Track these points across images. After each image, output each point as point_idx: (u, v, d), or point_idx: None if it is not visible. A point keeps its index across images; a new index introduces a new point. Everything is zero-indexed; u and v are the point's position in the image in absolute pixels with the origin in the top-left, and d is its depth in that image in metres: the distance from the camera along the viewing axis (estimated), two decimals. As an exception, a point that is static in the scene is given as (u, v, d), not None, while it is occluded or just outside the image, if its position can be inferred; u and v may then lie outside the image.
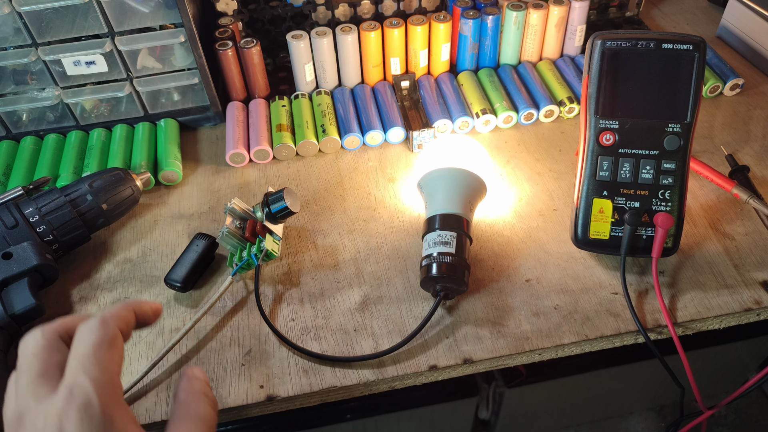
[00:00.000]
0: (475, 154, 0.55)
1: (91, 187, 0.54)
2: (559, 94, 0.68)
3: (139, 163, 0.63)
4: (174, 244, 0.57)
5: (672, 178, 0.48)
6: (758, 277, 0.51)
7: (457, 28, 0.70)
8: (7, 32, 0.60)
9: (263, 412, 0.48)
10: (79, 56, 0.61)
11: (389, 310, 0.50)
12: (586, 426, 1.22)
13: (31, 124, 0.67)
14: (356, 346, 0.48)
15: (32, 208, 0.52)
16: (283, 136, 0.65)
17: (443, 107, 0.67)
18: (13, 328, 0.47)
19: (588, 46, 0.49)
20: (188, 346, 0.49)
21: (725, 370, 1.06)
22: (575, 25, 0.72)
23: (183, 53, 0.65)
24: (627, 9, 0.81)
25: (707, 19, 0.84)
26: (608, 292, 0.50)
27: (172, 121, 0.68)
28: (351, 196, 0.61)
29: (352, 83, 0.72)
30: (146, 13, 0.61)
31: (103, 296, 0.53)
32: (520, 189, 0.60)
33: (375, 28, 0.67)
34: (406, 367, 0.46)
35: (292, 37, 0.67)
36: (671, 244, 0.49)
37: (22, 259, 0.49)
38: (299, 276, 0.53)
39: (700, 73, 0.47)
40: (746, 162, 0.61)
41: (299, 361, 0.47)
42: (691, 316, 0.48)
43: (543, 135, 0.66)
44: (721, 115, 0.67)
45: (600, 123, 0.48)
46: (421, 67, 0.72)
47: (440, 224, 0.50)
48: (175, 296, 0.53)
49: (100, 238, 0.58)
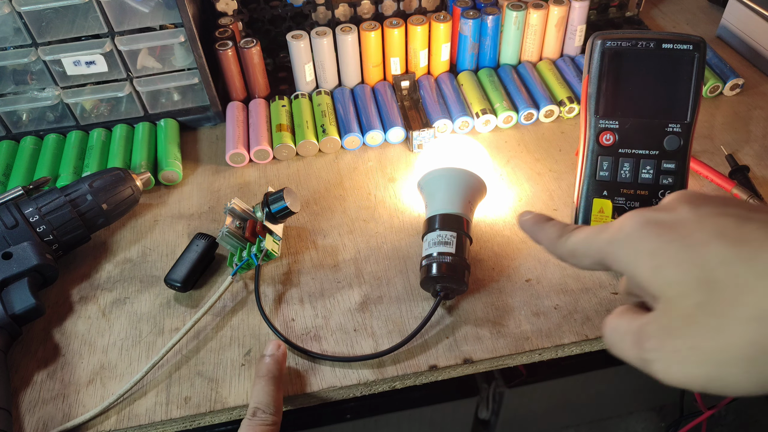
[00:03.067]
0: (475, 154, 0.55)
1: (91, 187, 0.54)
2: (559, 94, 0.68)
3: (139, 163, 0.63)
4: (174, 244, 0.57)
5: (672, 178, 0.48)
6: (758, 277, 0.51)
7: (457, 28, 0.70)
8: (7, 32, 0.60)
9: (263, 412, 0.48)
10: (79, 56, 0.61)
11: (389, 310, 0.50)
12: (586, 426, 1.22)
13: (31, 124, 0.67)
14: (356, 346, 0.48)
15: (32, 208, 0.52)
16: (283, 136, 0.65)
17: (443, 107, 0.67)
18: (13, 328, 0.47)
19: (588, 46, 0.49)
20: (188, 346, 0.49)
21: (725, 370, 1.06)
22: (575, 25, 0.72)
23: (183, 53, 0.65)
24: (627, 9, 0.81)
25: (707, 19, 0.84)
26: (608, 292, 0.50)
27: (172, 121, 0.68)
28: (351, 196, 0.61)
29: (352, 83, 0.72)
30: (146, 13, 0.61)
31: (103, 296, 0.53)
32: (520, 189, 0.60)
33: (375, 28, 0.67)
34: (406, 367, 0.46)
35: (292, 37, 0.67)
36: (671, 244, 0.49)
37: (22, 259, 0.49)
38: (299, 276, 0.53)
39: (700, 73, 0.47)
40: (746, 162, 0.61)
41: (299, 361, 0.47)
42: (691, 316, 0.48)
43: (543, 135, 0.66)
44: (721, 115, 0.67)
45: (600, 123, 0.48)
46: (421, 67, 0.72)
47: (440, 224, 0.50)
48: (175, 296, 0.53)
49: (100, 238, 0.58)
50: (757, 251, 0.25)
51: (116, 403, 0.45)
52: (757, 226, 0.26)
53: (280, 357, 0.46)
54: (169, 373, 0.47)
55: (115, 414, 0.45)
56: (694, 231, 0.26)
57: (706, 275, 0.25)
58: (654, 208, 0.30)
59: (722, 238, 0.26)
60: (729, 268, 0.25)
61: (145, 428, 0.45)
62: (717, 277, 0.25)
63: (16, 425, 0.44)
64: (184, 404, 0.45)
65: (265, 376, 0.44)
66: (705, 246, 0.26)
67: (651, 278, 0.27)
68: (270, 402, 0.42)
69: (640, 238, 0.28)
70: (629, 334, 0.28)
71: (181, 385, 0.46)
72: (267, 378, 0.44)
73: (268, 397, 0.43)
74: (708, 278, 0.25)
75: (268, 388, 0.43)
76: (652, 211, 0.29)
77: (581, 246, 0.32)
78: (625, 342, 0.29)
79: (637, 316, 0.29)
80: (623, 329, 0.29)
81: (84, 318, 0.51)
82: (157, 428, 0.45)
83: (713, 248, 0.26)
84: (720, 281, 0.25)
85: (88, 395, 0.46)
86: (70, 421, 0.44)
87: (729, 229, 0.26)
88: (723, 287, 0.25)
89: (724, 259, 0.25)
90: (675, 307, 0.26)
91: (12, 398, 0.46)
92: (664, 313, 0.27)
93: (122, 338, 0.50)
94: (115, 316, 0.51)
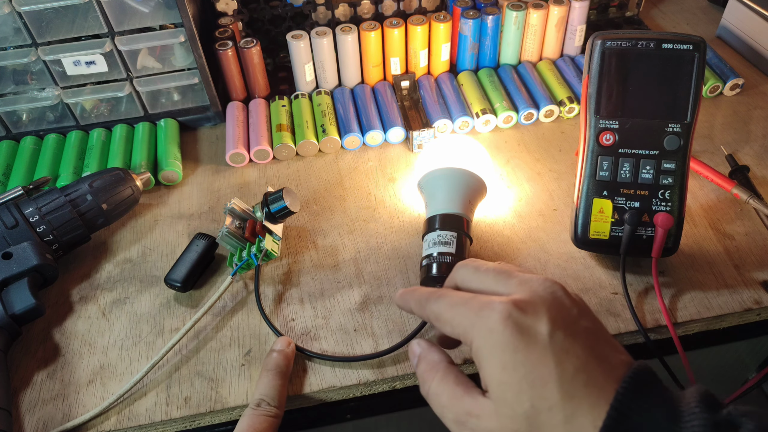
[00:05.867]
0: (475, 154, 0.55)
1: (91, 187, 0.54)
2: (559, 94, 0.68)
3: (139, 163, 0.63)
4: (174, 244, 0.57)
5: (672, 178, 0.48)
6: (758, 277, 0.51)
7: (457, 28, 0.70)
8: (7, 32, 0.60)
9: (263, 412, 0.47)
10: (79, 56, 0.61)
11: (389, 310, 0.50)
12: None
13: (31, 124, 0.67)
14: (356, 346, 0.48)
15: (32, 208, 0.52)
16: (283, 136, 0.65)
17: (443, 107, 0.67)
18: (13, 328, 0.47)
19: (588, 46, 0.49)
20: (188, 346, 0.49)
21: (725, 370, 1.06)
22: (575, 25, 0.72)
23: (183, 53, 0.65)
24: (627, 9, 0.81)
25: (707, 19, 0.84)
26: (608, 292, 0.50)
27: (172, 121, 0.68)
28: (351, 196, 0.61)
29: (352, 83, 0.72)
30: (146, 13, 0.61)
31: (103, 296, 0.53)
32: (520, 189, 0.60)
33: (375, 28, 0.67)
34: (407, 367, 0.46)
35: (292, 37, 0.67)
36: (671, 244, 0.49)
37: (22, 259, 0.49)
38: (299, 276, 0.53)
39: (700, 73, 0.47)
40: (746, 162, 0.61)
41: (299, 361, 0.47)
42: (691, 316, 0.48)
43: (543, 135, 0.66)
44: (721, 115, 0.67)
45: (600, 123, 0.48)
46: (421, 67, 0.72)
47: (440, 224, 0.50)
48: (175, 296, 0.53)
49: (100, 238, 0.58)
50: (576, 411, 0.28)
51: (116, 403, 0.45)
52: (587, 378, 0.29)
53: (290, 354, 0.46)
54: (169, 373, 0.47)
55: (115, 414, 0.45)
56: (540, 363, 0.30)
57: (534, 414, 0.29)
58: (522, 301, 0.32)
59: (558, 383, 0.29)
60: (552, 415, 0.29)
61: (145, 428, 0.45)
62: (540, 421, 0.29)
63: (16, 425, 0.44)
64: (184, 404, 0.45)
65: (273, 370, 0.44)
66: (543, 387, 0.29)
67: (493, 384, 0.31)
68: (275, 395, 0.42)
69: (499, 341, 0.31)
70: (451, 409, 0.32)
71: (181, 385, 0.46)
72: (275, 372, 0.44)
73: (274, 390, 0.43)
74: (533, 418, 0.29)
75: (275, 381, 0.43)
76: (518, 310, 0.31)
77: (446, 313, 0.34)
78: (443, 410, 0.33)
79: (466, 400, 0.32)
80: (446, 399, 0.33)
81: (84, 318, 0.51)
82: (157, 428, 0.45)
83: (548, 391, 0.29)
84: (540, 424, 0.29)
85: (88, 395, 0.46)
86: (70, 421, 0.44)
87: (567, 374, 0.29)
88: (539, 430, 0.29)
89: (552, 406, 0.29)
90: (500, 417, 0.30)
91: (12, 398, 0.46)
92: (489, 419, 0.31)
93: (122, 338, 0.50)
94: (115, 316, 0.51)
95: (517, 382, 0.30)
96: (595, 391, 0.29)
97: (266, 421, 0.41)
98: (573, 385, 0.29)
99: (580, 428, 0.28)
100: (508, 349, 0.30)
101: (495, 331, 0.31)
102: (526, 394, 0.29)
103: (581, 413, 0.28)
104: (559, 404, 0.29)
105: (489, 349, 0.31)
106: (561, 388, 0.29)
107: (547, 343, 0.30)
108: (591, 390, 0.29)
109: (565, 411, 0.29)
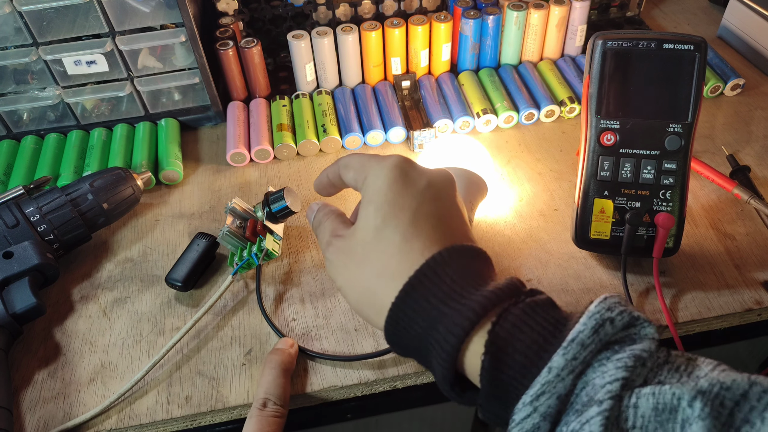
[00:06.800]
0: (476, 154, 0.55)
1: (92, 186, 0.54)
2: (559, 94, 0.68)
3: (139, 163, 0.63)
4: (175, 244, 0.57)
5: (673, 178, 0.48)
6: (759, 278, 0.51)
7: (457, 28, 0.70)
8: (8, 32, 0.60)
9: (264, 411, 0.47)
10: (80, 56, 0.61)
11: (390, 310, 0.50)
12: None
13: (32, 124, 0.67)
14: (357, 346, 0.48)
15: (33, 208, 0.52)
16: (284, 136, 0.65)
17: (444, 107, 0.67)
18: (14, 327, 0.47)
19: (589, 46, 0.49)
20: (189, 345, 0.49)
21: (725, 371, 1.06)
22: (576, 25, 0.72)
23: (184, 53, 0.65)
24: (628, 9, 0.81)
25: (708, 19, 0.84)
26: (609, 292, 0.50)
27: (173, 120, 0.68)
28: (352, 196, 0.61)
29: (353, 83, 0.72)
30: (147, 12, 0.61)
31: (104, 295, 0.53)
32: (520, 189, 0.60)
33: (376, 28, 0.67)
34: (407, 367, 0.46)
35: (292, 36, 0.67)
36: (672, 245, 0.49)
37: (23, 258, 0.49)
38: (300, 275, 0.53)
39: (701, 73, 0.47)
40: (747, 162, 0.61)
41: (300, 361, 0.47)
42: (692, 317, 0.48)
43: (544, 135, 0.66)
44: (722, 116, 0.67)
45: (601, 123, 0.48)
46: (422, 67, 0.72)
47: (441, 224, 0.50)
48: (175, 295, 0.53)
49: (101, 237, 0.58)
50: (416, 236, 0.35)
51: (117, 402, 0.45)
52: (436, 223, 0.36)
53: (293, 353, 0.46)
54: (169, 372, 0.47)
55: (116, 413, 0.45)
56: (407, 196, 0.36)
57: (382, 227, 0.36)
58: (415, 162, 0.39)
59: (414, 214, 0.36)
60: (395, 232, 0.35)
61: (146, 427, 0.45)
62: (384, 235, 0.35)
63: (17, 424, 0.44)
64: (185, 403, 0.45)
65: (276, 368, 0.44)
66: (400, 211, 0.36)
67: (362, 206, 0.37)
68: (281, 394, 0.42)
69: (385, 176, 0.37)
70: (326, 235, 0.40)
71: (182, 384, 0.46)
72: (279, 370, 0.44)
73: (279, 388, 0.43)
74: (380, 231, 0.36)
75: (279, 380, 0.43)
76: (409, 165, 0.38)
77: (355, 160, 0.40)
78: (322, 238, 0.40)
79: (339, 227, 0.39)
80: (326, 229, 0.40)
81: (85, 317, 0.51)
82: (158, 427, 0.45)
83: (402, 215, 0.36)
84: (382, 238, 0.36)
85: (89, 394, 0.46)
86: (71, 420, 0.44)
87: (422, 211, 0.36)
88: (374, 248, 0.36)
89: (398, 224, 0.35)
90: (357, 241, 0.37)
91: (13, 397, 0.46)
92: (349, 237, 0.37)
93: (123, 337, 0.50)
94: (116, 316, 0.51)
95: (381, 203, 0.36)
96: (437, 234, 0.35)
97: (275, 423, 0.41)
98: (425, 221, 0.36)
99: (410, 251, 0.35)
100: (387, 181, 0.36)
101: (385, 168, 0.37)
102: (382, 211, 0.36)
103: (419, 241, 0.35)
104: (405, 227, 0.35)
105: (373, 179, 0.37)
106: (413, 217, 0.35)
107: (419, 191, 0.36)
108: (436, 232, 0.35)
109: (406, 233, 0.35)
